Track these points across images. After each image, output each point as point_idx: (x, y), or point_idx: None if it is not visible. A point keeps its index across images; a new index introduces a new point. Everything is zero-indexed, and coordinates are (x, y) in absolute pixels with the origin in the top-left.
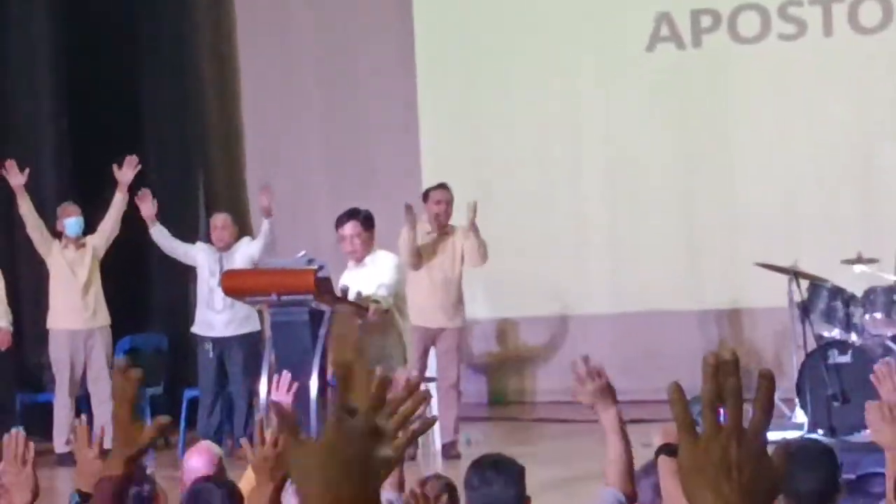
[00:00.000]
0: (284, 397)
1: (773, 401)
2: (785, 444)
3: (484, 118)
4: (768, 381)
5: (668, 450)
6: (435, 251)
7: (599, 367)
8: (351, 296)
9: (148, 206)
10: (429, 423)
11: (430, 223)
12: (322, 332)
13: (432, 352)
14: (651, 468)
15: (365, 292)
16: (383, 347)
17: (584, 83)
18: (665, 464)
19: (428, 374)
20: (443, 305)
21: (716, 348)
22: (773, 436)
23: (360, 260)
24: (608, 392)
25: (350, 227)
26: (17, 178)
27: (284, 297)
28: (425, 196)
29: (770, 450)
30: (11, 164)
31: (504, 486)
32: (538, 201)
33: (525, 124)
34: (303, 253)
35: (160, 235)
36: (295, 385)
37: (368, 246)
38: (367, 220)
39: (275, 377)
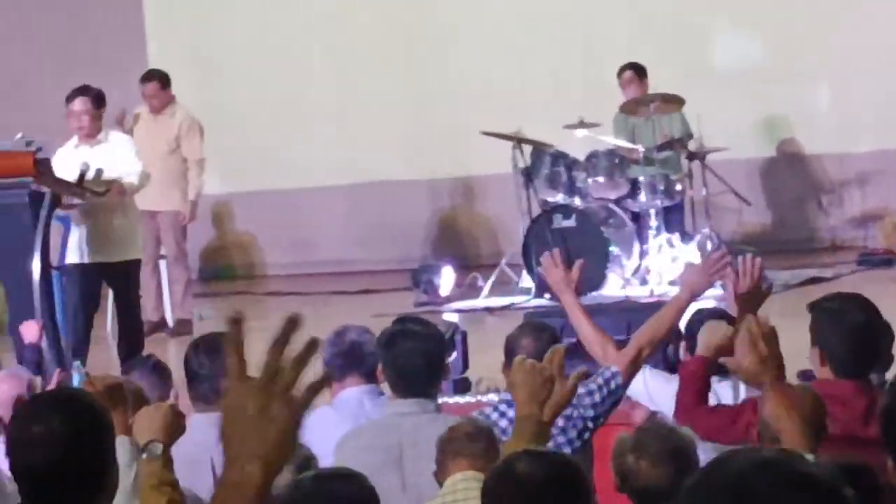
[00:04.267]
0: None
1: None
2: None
3: None
4: (290, 323)
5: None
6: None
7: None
8: (91, 174)
9: None
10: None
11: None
12: (44, 213)
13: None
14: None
15: (108, 172)
16: (123, 227)
17: None
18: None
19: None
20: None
21: (445, 216)
22: (502, 301)
23: (90, 136)
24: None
25: (80, 104)
26: None
27: (1, 180)
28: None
29: None
30: None
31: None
32: (262, 75)
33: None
34: (20, 135)
35: None
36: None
37: (97, 124)
38: (97, 99)
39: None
